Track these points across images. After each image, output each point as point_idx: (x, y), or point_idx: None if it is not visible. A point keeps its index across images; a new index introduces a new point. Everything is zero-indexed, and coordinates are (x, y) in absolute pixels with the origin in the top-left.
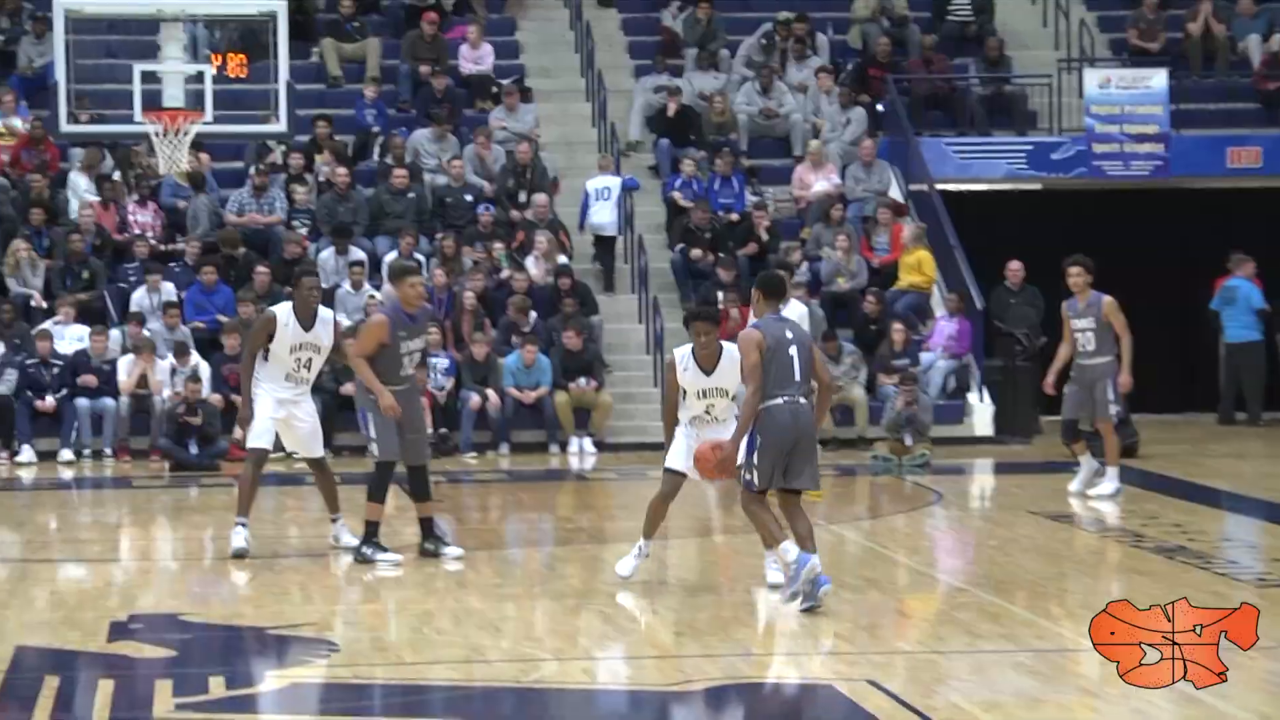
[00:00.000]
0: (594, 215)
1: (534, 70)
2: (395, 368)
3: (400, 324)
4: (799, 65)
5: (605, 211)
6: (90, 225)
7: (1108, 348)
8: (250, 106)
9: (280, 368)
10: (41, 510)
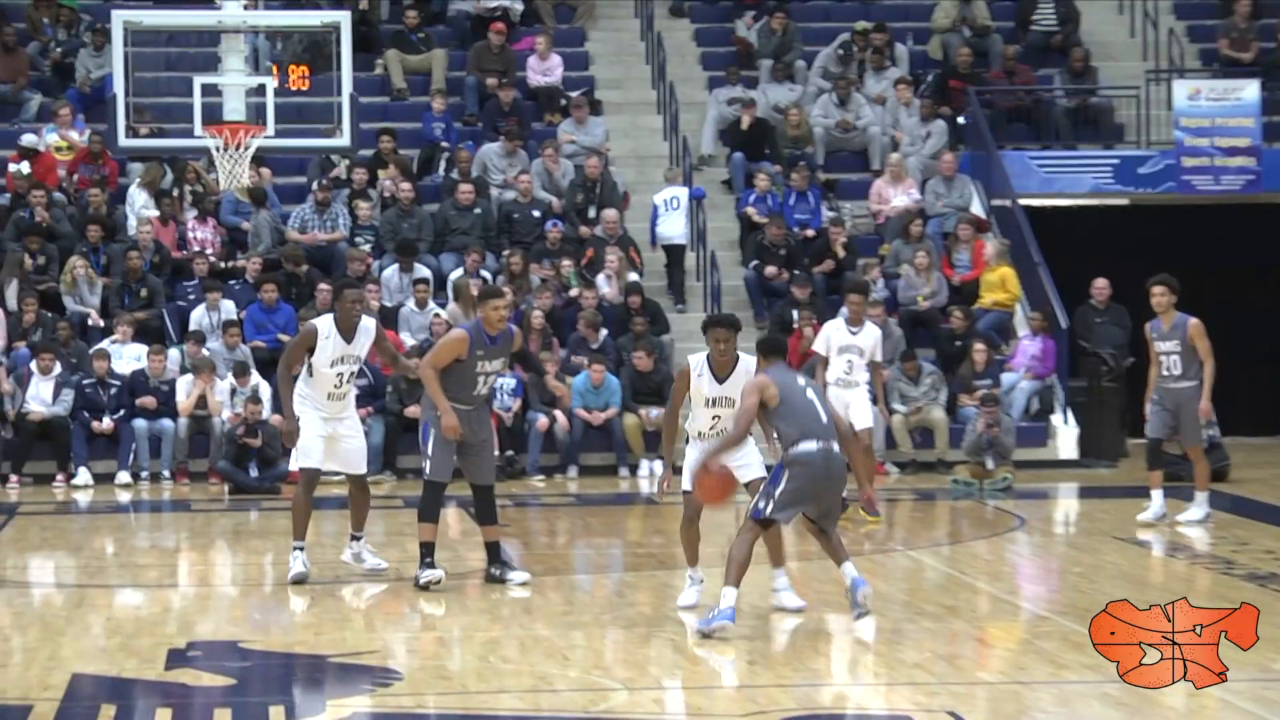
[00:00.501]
0: (662, 226)
1: (604, 82)
2: (468, 387)
3: (480, 343)
4: (877, 76)
5: (674, 222)
6: (149, 242)
7: (1193, 371)
8: (313, 120)
9: (322, 385)
10: (98, 534)
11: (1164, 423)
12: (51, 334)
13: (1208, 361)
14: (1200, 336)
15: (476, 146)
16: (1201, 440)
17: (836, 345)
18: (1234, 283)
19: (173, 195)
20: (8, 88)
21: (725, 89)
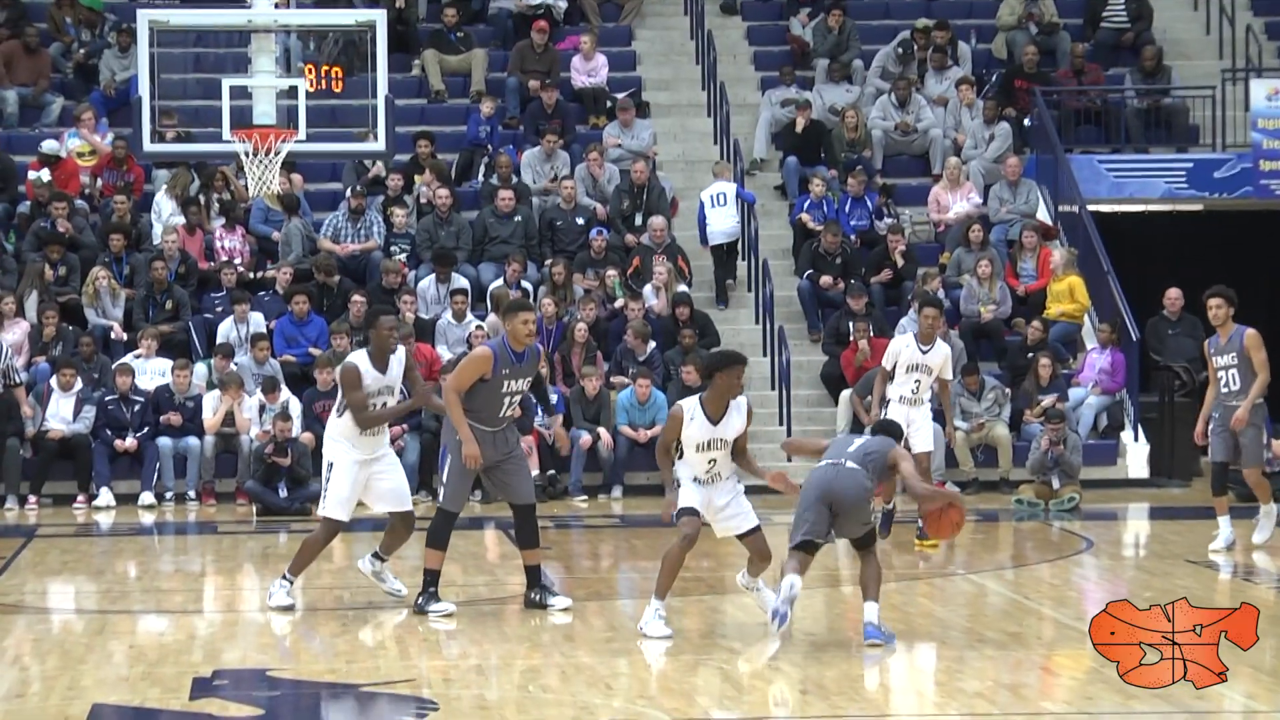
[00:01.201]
0: (711, 224)
1: (651, 83)
2: (494, 408)
3: (506, 361)
4: (939, 77)
5: (723, 219)
6: (174, 252)
7: (1251, 385)
8: (347, 124)
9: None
10: (120, 558)
11: (1226, 444)
12: (73, 348)
13: (1261, 373)
14: (1256, 347)
15: (518, 151)
16: (1262, 461)
17: (905, 363)
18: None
19: (200, 203)
20: (29, 90)
21: (779, 90)
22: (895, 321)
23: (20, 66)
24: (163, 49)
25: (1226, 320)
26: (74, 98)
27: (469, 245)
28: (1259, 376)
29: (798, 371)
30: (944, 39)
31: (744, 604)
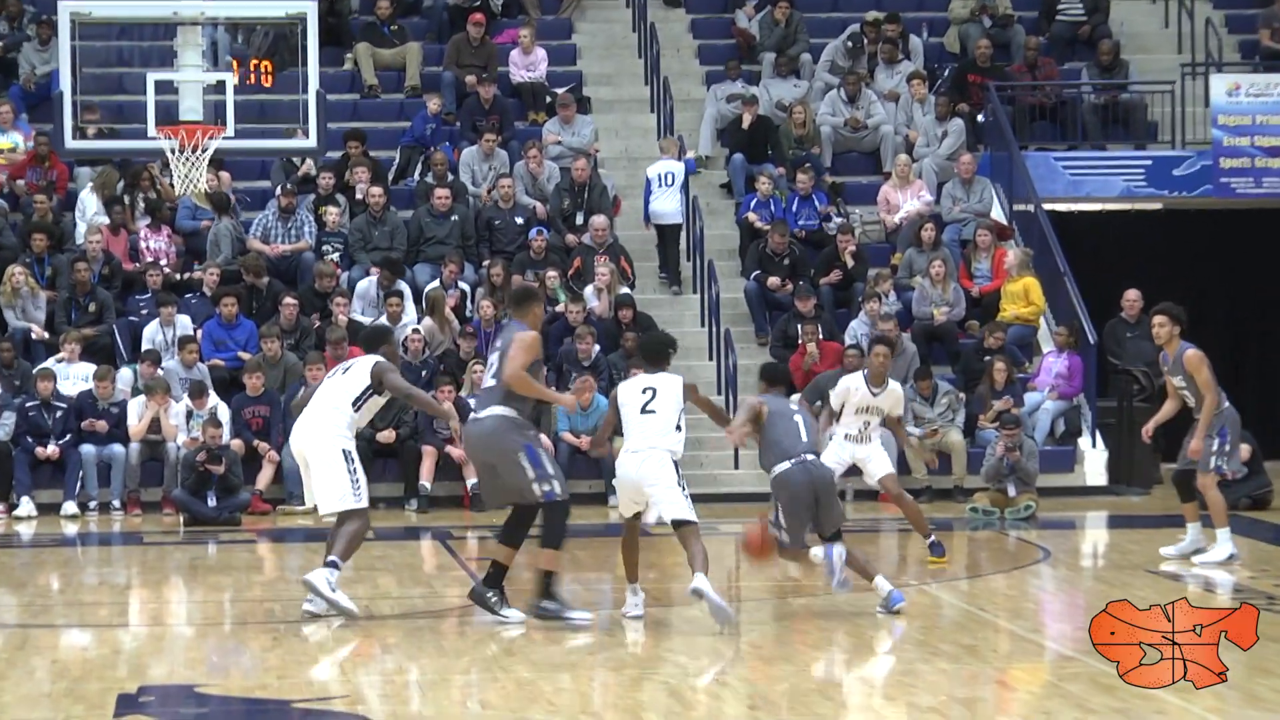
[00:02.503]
0: (655, 203)
1: (593, 78)
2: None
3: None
4: (889, 71)
5: (669, 199)
6: (98, 252)
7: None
8: (276, 120)
9: (358, 426)
10: (42, 570)
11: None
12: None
13: (1207, 395)
14: (1196, 369)
15: (454, 147)
16: (1212, 469)
17: (855, 405)
18: (1276, 293)
19: (124, 202)
20: None
21: (724, 85)
22: (845, 324)
23: None
24: (84, 42)
25: (1171, 338)
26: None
27: (404, 245)
28: (1205, 399)
29: (745, 376)
30: (895, 32)
31: (690, 617)
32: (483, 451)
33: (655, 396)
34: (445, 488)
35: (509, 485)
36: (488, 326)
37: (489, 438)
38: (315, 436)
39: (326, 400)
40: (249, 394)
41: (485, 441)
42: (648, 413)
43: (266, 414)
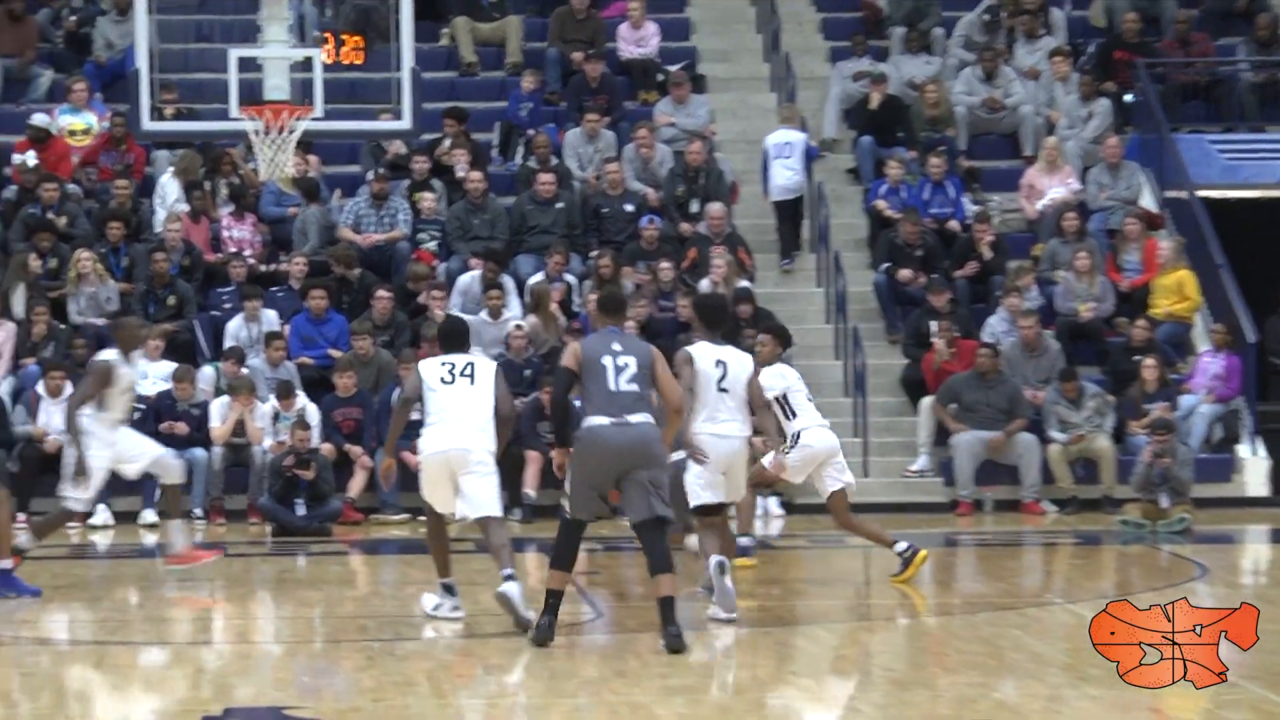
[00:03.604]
0: (774, 176)
1: (708, 54)
2: None
3: None
4: (1030, 47)
5: (787, 171)
6: (178, 242)
7: None
8: (368, 99)
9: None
10: (120, 583)
11: None
12: (65, 349)
13: None
14: None
15: (559, 130)
16: None
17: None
18: None
19: (205, 188)
20: (14, 62)
21: (851, 62)
22: (982, 320)
23: (3, 35)
24: (162, 16)
25: None
26: (64, 70)
27: (506, 234)
28: None
29: (874, 376)
30: (1035, 4)
31: (815, 636)
32: (643, 459)
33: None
34: (551, 496)
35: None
36: (596, 325)
37: (654, 445)
38: (479, 444)
39: (479, 408)
40: (340, 395)
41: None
42: (723, 390)
43: (358, 416)
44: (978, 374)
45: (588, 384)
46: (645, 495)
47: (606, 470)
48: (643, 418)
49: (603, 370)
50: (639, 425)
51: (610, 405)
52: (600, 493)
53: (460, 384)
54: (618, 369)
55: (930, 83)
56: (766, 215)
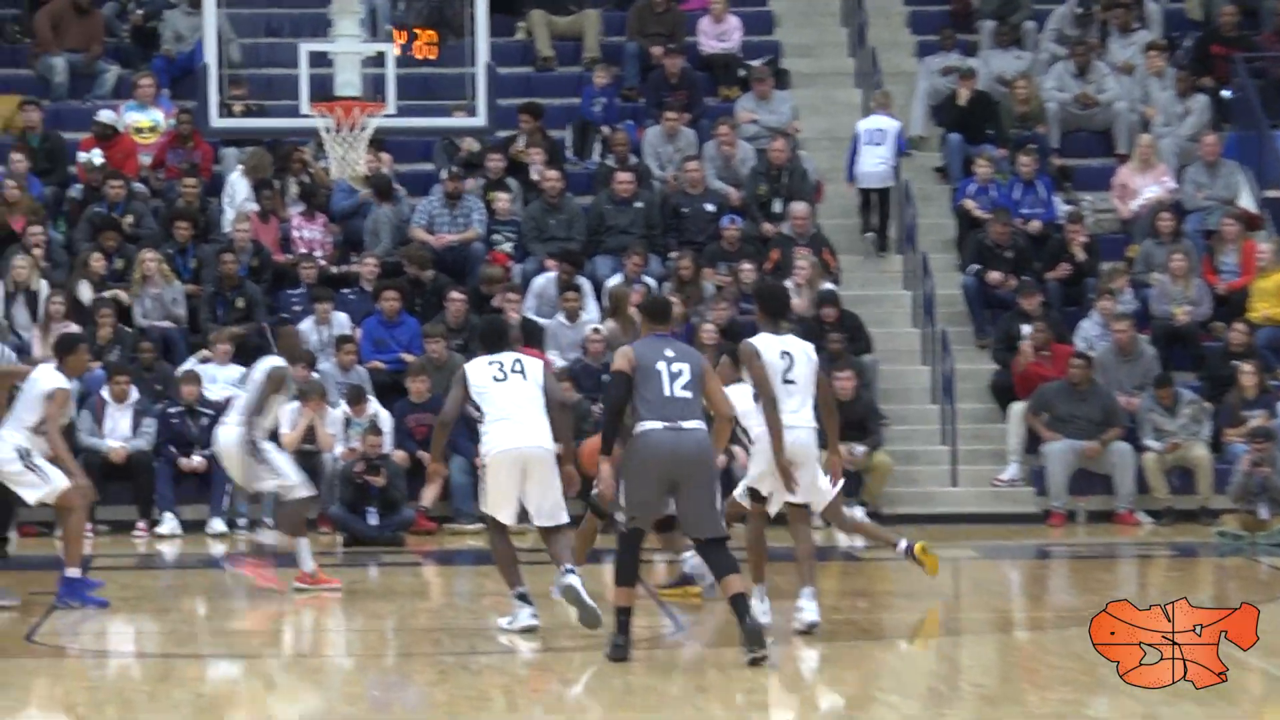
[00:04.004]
0: (863, 163)
1: (792, 49)
2: None
3: None
4: (1124, 41)
5: (878, 159)
6: (246, 243)
7: None
8: (442, 95)
9: None
10: (187, 593)
11: None
12: (131, 353)
13: None
14: None
15: (638, 127)
16: None
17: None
18: None
19: (274, 187)
20: (79, 57)
21: (939, 56)
22: (1075, 324)
23: (70, 30)
24: (232, 9)
25: None
26: (131, 65)
27: (583, 235)
28: None
29: (963, 382)
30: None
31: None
32: (697, 466)
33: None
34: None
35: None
36: (676, 326)
37: (709, 453)
38: (548, 441)
39: (538, 403)
40: (413, 400)
41: (705, 457)
42: (789, 382)
43: (432, 422)
44: (1070, 384)
45: (641, 389)
46: (708, 512)
47: (661, 475)
48: (697, 424)
49: (657, 375)
50: (694, 431)
51: (665, 410)
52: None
53: (513, 380)
54: (672, 375)
55: (1021, 78)
56: (852, 214)
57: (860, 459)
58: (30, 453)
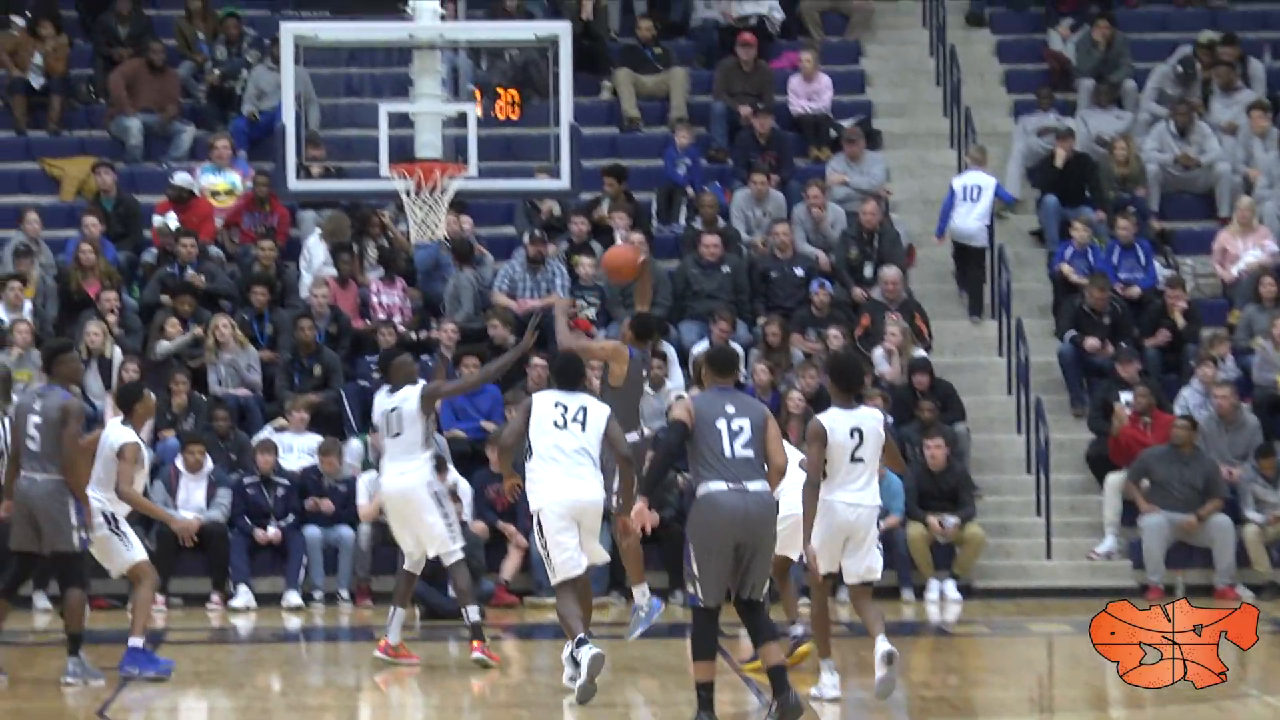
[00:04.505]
0: (958, 219)
1: (884, 108)
2: None
3: None
4: (1226, 100)
5: (973, 216)
6: (324, 308)
7: None
8: (524, 157)
9: None
10: (262, 668)
11: None
12: (206, 421)
13: None
14: None
15: (725, 188)
16: None
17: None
18: None
19: (353, 250)
20: (155, 118)
21: (1035, 116)
22: (1174, 392)
23: (145, 89)
24: (311, 67)
25: None
26: (207, 126)
27: (668, 300)
28: None
29: (1059, 452)
30: (1233, 55)
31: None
32: (765, 529)
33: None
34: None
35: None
36: (762, 394)
37: (774, 517)
38: (601, 495)
39: (592, 454)
40: (493, 469)
41: (770, 521)
42: (857, 460)
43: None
44: (1173, 447)
45: (699, 445)
46: (761, 578)
47: (727, 538)
48: (760, 485)
49: (718, 435)
50: (758, 494)
51: (726, 471)
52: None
53: (571, 429)
54: (732, 433)
55: (1120, 138)
56: (945, 279)
57: (952, 531)
58: (117, 519)
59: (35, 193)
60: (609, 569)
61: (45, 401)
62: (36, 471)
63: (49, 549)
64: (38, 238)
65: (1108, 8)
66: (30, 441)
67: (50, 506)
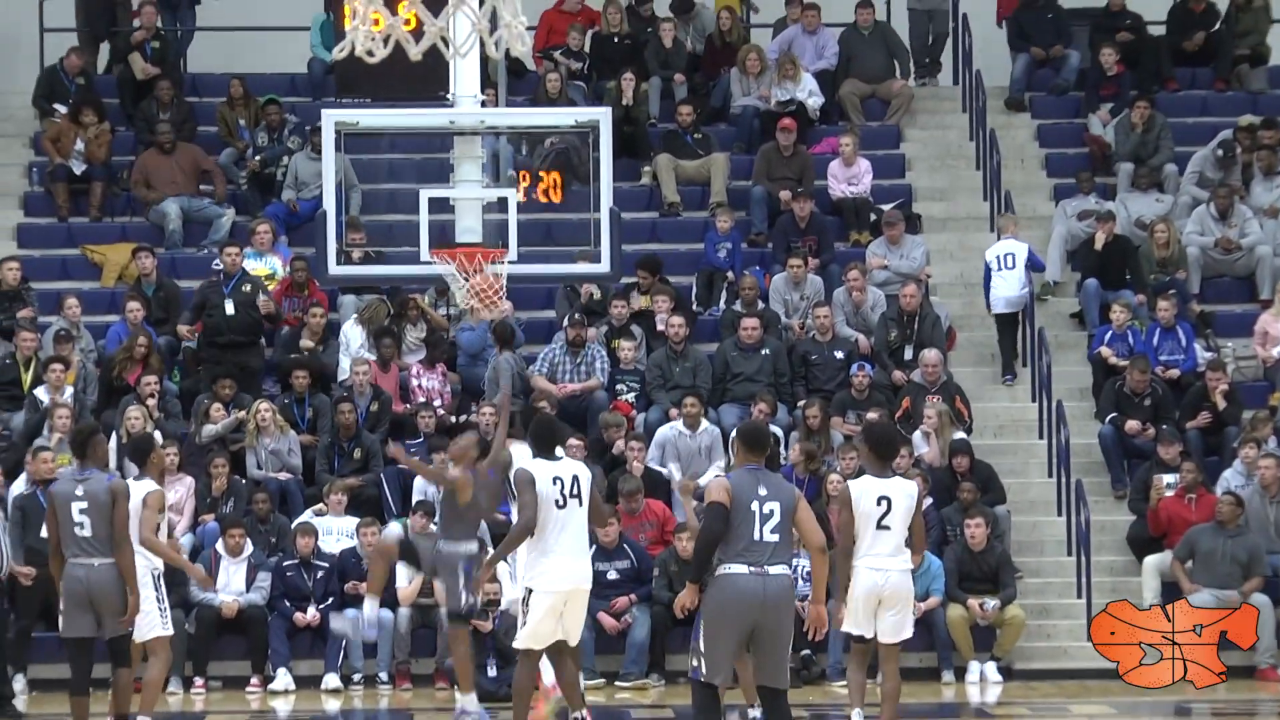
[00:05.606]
0: (996, 288)
1: (924, 192)
2: None
3: None
4: (1268, 184)
5: (1010, 283)
6: (365, 387)
7: None
8: (565, 241)
9: None
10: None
11: None
12: (246, 505)
13: None
14: None
15: (765, 271)
16: None
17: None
18: None
19: (394, 335)
20: (188, 200)
21: (1075, 200)
22: (1216, 475)
23: (160, 174)
24: (352, 154)
25: None
26: (247, 212)
27: (708, 383)
28: None
29: (1099, 534)
30: (1273, 139)
31: None
32: (782, 613)
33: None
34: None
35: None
36: (801, 475)
37: (791, 600)
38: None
39: (586, 530)
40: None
41: (788, 605)
42: (883, 528)
43: None
44: (1218, 523)
45: (729, 526)
46: (782, 663)
47: (743, 620)
48: (783, 569)
49: (750, 517)
50: (779, 578)
51: (750, 553)
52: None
53: (571, 506)
54: (763, 516)
55: (1160, 222)
56: (986, 362)
57: (992, 613)
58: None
59: (76, 278)
60: (648, 649)
61: (88, 486)
62: (93, 557)
63: (110, 634)
64: (78, 323)
65: (1148, 92)
66: (78, 528)
67: (114, 593)
